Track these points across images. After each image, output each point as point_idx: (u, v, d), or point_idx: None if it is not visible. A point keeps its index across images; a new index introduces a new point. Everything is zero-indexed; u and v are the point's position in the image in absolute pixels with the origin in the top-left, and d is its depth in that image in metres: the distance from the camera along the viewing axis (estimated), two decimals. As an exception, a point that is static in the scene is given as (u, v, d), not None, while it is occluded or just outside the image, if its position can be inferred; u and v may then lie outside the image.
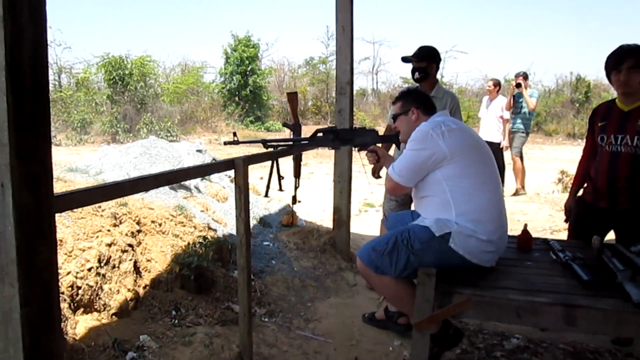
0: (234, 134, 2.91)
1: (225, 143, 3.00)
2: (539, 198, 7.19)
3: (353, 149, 3.38)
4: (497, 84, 7.60)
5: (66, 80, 18.26)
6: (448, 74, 22.16)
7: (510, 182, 7.56)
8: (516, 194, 7.40)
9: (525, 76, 7.61)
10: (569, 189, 3.32)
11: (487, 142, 7.79)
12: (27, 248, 1.23)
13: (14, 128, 1.18)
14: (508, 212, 6.36)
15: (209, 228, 3.70)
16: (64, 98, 15.40)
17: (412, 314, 2.52)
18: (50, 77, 17.05)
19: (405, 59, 3.61)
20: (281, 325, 3.10)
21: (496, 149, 7.39)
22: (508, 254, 2.75)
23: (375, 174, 3.66)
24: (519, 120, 7.46)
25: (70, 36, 38.84)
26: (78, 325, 2.52)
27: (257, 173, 8.08)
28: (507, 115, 7.34)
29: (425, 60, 3.58)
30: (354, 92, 7.02)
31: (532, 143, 14.67)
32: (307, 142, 3.06)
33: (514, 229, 4.84)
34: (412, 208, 3.67)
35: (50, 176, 1.30)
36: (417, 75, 3.60)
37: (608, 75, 2.78)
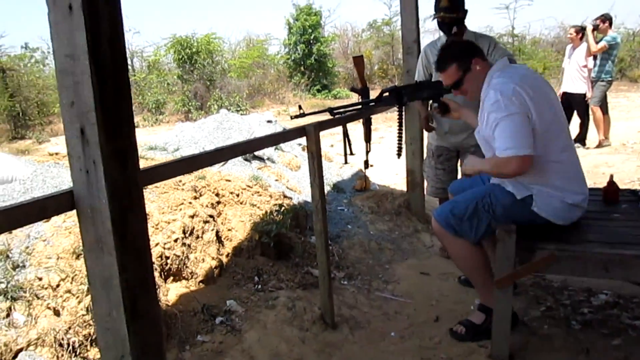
0: (299, 107, 2.90)
1: (292, 117, 2.93)
2: (625, 149, 6.79)
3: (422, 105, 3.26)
4: (579, 30, 7.10)
5: (138, 64, 18.97)
6: (519, 24, 21.00)
7: (593, 134, 7.17)
8: (599, 145, 7.00)
9: (605, 19, 7.09)
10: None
11: (571, 93, 7.33)
12: (121, 220, 1.32)
13: (100, 108, 1.25)
14: (591, 165, 6.07)
15: (284, 196, 3.78)
16: (137, 81, 16.03)
17: (478, 282, 2.51)
18: (124, 62, 17.75)
19: (439, 16, 3.15)
20: (360, 287, 3.16)
21: (581, 100, 7.00)
22: (593, 207, 2.64)
23: (427, 126, 3.32)
24: (598, 68, 7.00)
25: (138, 21, 40.15)
26: (169, 292, 2.68)
27: (327, 141, 8.13)
28: (591, 64, 6.91)
29: (460, 9, 3.17)
30: (421, 52, 6.79)
31: (616, 91, 13.76)
32: (373, 104, 3.03)
33: (599, 182, 4.63)
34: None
35: (136, 151, 1.38)
36: (455, 29, 3.16)
37: None
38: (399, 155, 3.27)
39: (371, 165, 3.73)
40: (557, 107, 2.31)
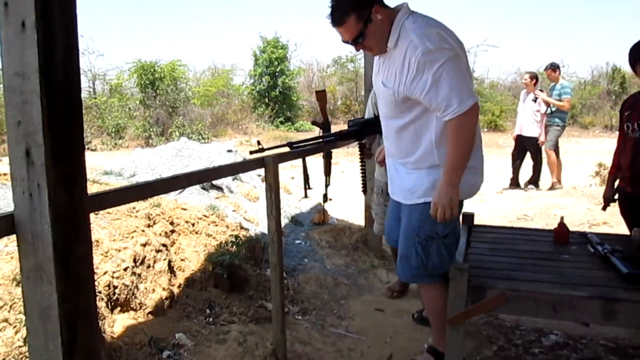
0: (258, 142, 2.87)
1: (251, 152, 2.89)
2: (576, 192, 7.01)
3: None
4: (533, 77, 7.42)
5: (100, 87, 18.71)
6: (479, 68, 21.80)
7: (546, 177, 7.43)
8: (552, 188, 7.25)
9: (554, 67, 7.44)
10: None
11: (524, 136, 7.63)
12: (64, 246, 1.26)
13: (49, 129, 1.21)
14: (544, 206, 6.23)
15: (241, 227, 3.73)
16: (98, 104, 15.78)
17: (440, 325, 2.39)
18: (85, 84, 17.55)
19: None
20: (314, 323, 3.11)
21: (534, 143, 7.26)
22: (544, 247, 2.70)
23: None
24: (553, 114, 7.30)
25: (102, 43, 39.79)
26: (115, 323, 2.57)
27: (288, 173, 8.11)
28: (544, 108, 7.19)
29: None
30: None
31: (567, 136, 14.33)
32: (333, 138, 3.05)
33: (550, 224, 4.75)
34: None
35: (84, 176, 1.33)
36: None
37: (633, 66, 2.83)
38: (364, 191, 3.26)
39: (330, 199, 3.72)
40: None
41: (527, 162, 7.56)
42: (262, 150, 2.72)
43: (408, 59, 1.94)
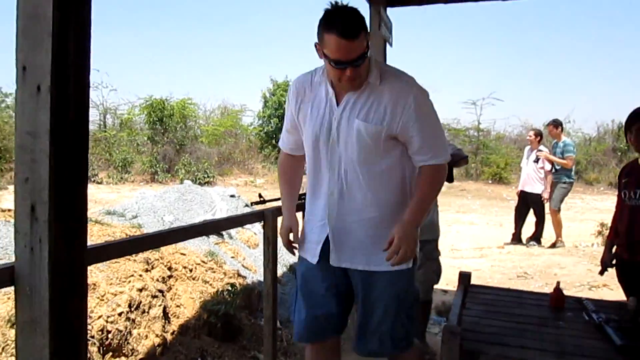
0: (260, 195, 2.92)
1: (252, 203, 2.98)
2: (577, 251, 6.98)
3: None
4: (538, 134, 7.48)
5: (111, 120, 19.02)
6: (485, 120, 22.03)
7: (547, 233, 7.41)
8: (553, 245, 7.20)
9: (557, 124, 7.51)
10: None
11: (528, 192, 7.47)
12: (59, 301, 1.29)
13: (55, 187, 1.26)
14: (544, 265, 6.14)
15: (239, 275, 3.74)
16: (107, 138, 16.02)
17: None
18: (96, 118, 17.85)
19: None
20: (306, 376, 3.07)
21: (537, 200, 7.25)
22: (539, 312, 2.69)
23: None
24: (559, 171, 7.31)
25: (116, 78, 40.57)
26: (106, 369, 2.56)
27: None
28: (548, 166, 7.23)
29: None
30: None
31: (572, 192, 14.33)
32: None
33: (550, 283, 4.71)
34: None
35: (85, 230, 1.38)
36: None
37: (626, 135, 2.92)
38: None
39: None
40: None
41: (530, 218, 7.55)
42: (263, 201, 2.78)
43: (405, 95, 1.85)
